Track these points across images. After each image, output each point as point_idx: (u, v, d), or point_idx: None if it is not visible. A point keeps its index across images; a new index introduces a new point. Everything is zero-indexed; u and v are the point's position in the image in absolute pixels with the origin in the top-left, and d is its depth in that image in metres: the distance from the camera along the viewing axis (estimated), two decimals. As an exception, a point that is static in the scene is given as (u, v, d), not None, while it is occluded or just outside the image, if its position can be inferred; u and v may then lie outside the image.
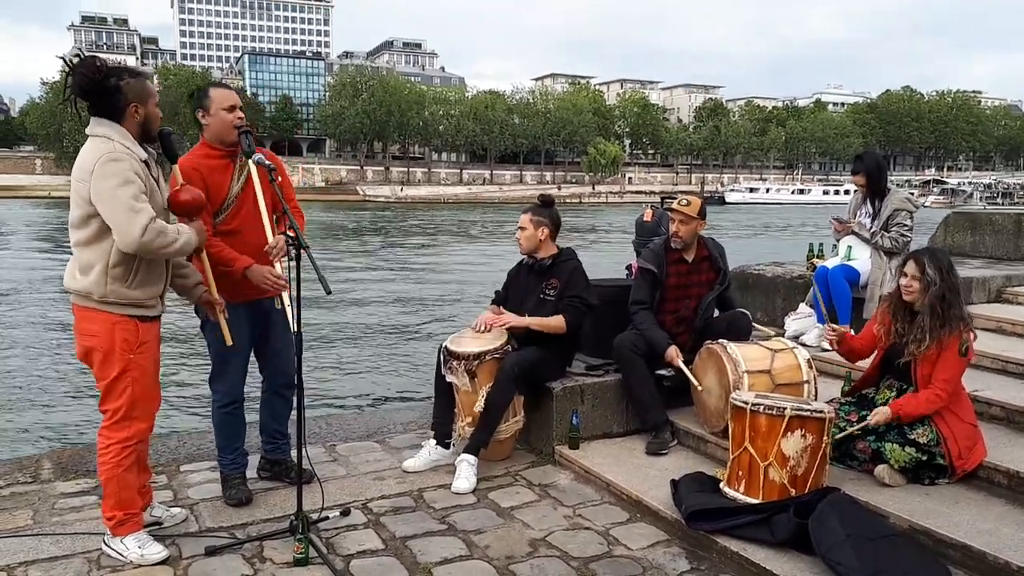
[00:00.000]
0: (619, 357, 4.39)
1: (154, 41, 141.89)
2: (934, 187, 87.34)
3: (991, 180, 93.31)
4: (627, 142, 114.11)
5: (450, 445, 4.24)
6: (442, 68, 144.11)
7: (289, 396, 3.87)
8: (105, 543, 3.18)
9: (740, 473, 3.43)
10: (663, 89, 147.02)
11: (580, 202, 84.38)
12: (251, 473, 3.88)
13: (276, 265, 3.49)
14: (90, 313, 3.02)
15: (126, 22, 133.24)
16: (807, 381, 3.98)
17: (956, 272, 3.63)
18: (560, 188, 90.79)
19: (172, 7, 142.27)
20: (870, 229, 5.42)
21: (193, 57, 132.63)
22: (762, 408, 3.33)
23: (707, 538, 3.27)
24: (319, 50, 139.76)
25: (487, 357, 4.10)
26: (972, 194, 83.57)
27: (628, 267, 6.39)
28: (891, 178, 5.83)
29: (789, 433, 3.28)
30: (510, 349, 4.18)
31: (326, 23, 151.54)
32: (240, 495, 3.67)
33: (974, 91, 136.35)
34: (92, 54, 3.10)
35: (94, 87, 2.95)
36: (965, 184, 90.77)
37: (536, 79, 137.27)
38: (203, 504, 3.69)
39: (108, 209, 2.87)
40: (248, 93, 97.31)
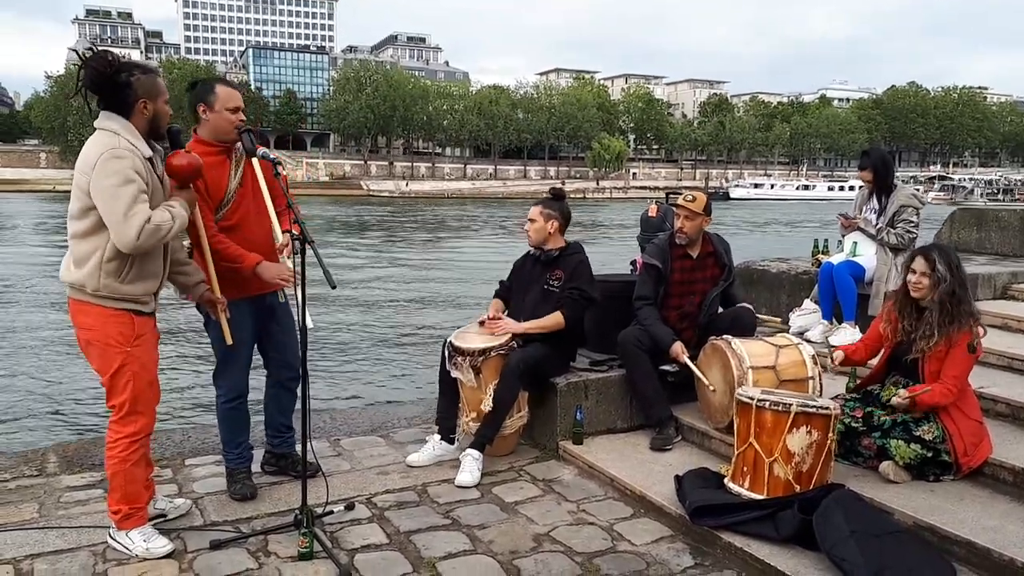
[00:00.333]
0: (623, 352, 4.39)
1: (158, 35, 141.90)
2: (934, 183, 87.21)
3: (992, 176, 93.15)
4: (631, 137, 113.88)
5: (454, 440, 4.24)
6: (446, 63, 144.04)
7: (294, 389, 3.87)
8: (110, 536, 3.19)
9: (745, 469, 3.43)
10: (668, 84, 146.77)
11: (584, 197, 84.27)
12: (256, 467, 3.89)
13: (287, 260, 3.49)
14: (84, 306, 3.02)
15: (130, 16, 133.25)
16: (812, 377, 3.97)
17: (963, 268, 3.62)
18: (564, 183, 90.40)
19: (176, 1, 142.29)
20: (876, 225, 5.41)
21: (197, 51, 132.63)
22: (768, 404, 3.33)
23: (711, 534, 3.27)
24: (323, 44, 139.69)
25: (492, 353, 4.10)
26: (973, 190, 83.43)
27: (633, 263, 6.38)
28: (897, 174, 5.82)
29: (794, 429, 3.28)
30: (515, 345, 4.17)
31: (330, 17, 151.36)
32: (245, 489, 3.67)
33: (980, 87, 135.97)
34: (105, 48, 3.10)
35: (105, 81, 2.95)
36: (966, 180, 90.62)
37: (540, 74, 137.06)
38: (208, 498, 3.70)
39: (107, 208, 2.87)
40: (252, 87, 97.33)
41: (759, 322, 4.56)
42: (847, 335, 5.05)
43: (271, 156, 3.37)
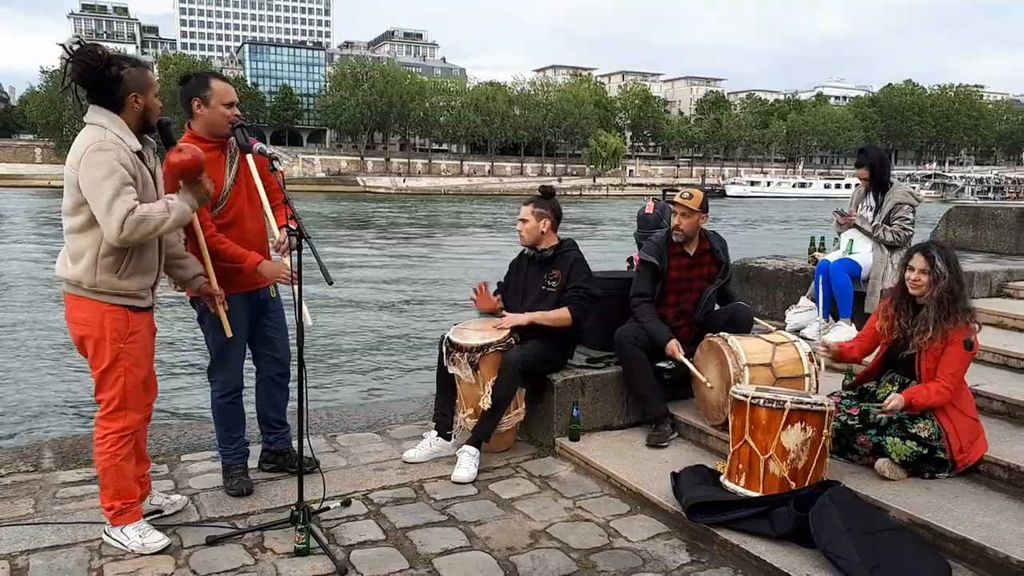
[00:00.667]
0: (620, 349, 4.39)
1: (154, 30, 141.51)
2: (925, 181, 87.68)
3: (982, 175, 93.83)
4: (628, 134, 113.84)
5: (451, 437, 4.24)
6: (443, 59, 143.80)
7: (285, 384, 3.87)
8: (106, 533, 3.18)
9: (740, 466, 3.43)
10: (665, 81, 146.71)
11: (581, 195, 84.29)
12: (253, 464, 3.89)
13: (285, 259, 3.48)
14: (81, 302, 3.01)
15: (126, 11, 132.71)
16: (808, 374, 3.98)
17: (960, 265, 3.63)
18: (561, 180, 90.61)
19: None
20: (872, 222, 5.42)
21: (193, 46, 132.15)
22: (762, 401, 3.33)
23: (707, 531, 3.28)
24: (320, 40, 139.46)
25: (490, 349, 4.10)
26: (963, 188, 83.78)
27: (629, 259, 6.40)
28: (893, 172, 5.83)
29: (789, 426, 3.28)
30: (513, 342, 4.17)
31: (327, 13, 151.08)
32: (241, 485, 3.67)
33: (976, 85, 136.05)
34: (93, 42, 3.07)
35: (94, 75, 2.91)
36: (957, 179, 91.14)
37: (537, 70, 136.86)
38: (204, 494, 3.69)
39: (93, 202, 2.84)
40: (248, 83, 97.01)
41: (754, 325, 4.56)
42: (843, 333, 5.06)
43: (268, 151, 3.36)
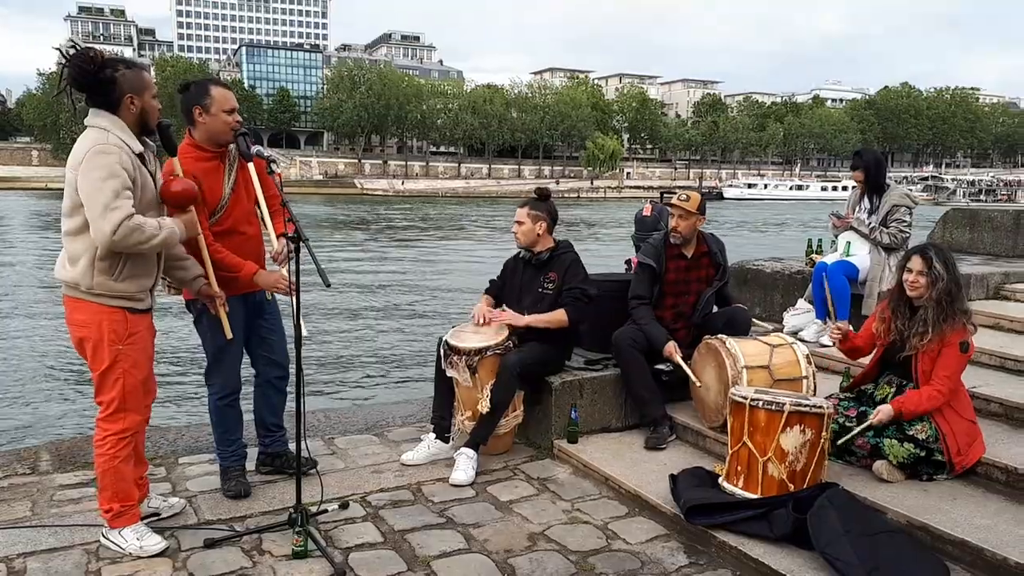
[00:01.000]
0: (618, 352, 4.39)
1: (151, 32, 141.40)
2: (918, 183, 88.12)
3: (975, 178, 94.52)
4: (625, 137, 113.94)
5: (449, 439, 4.24)
6: (440, 62, 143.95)
7: (283, 388, 3.86)
8: (103, 535, 3.17)
9: (739, 468, 3.43)
10: (662, 84, 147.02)
11: (578, 197, 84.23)
12: (250, 466, 3.88)
13: (283, 269, 3.49)
14: (79, 304, 3.01)
15: (123, 13, 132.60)
16: (806, 377, 3.99)
17: (958, 267, 3.64)
18: (558, 182, 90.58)
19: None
20: (869, 225, 5.43)
21: (191, 49, 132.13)
22: (761, 403, 3.34)
23: (705, 533, 3.28)
24: (317, 42, 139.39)
25: (488, 352, 4.09)
26: (955, 191, 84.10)
27: (627, 262, 6.39)
28: (889, 175, 5.84)
29: (788, 428, 3.29)
30: (511, 345, 4.17)
31: (324, 15, 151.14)
32: (239, 487, 3.66)
33: (972, 88, 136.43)
34: (88, 45, 3.07)
35: (89, 78, 2.92)
36: (949, 181, 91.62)
37: (535, 73, 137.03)
38: (202, 496, 3.68)
39: (89, 201, 2.84)
40: (246, 85, 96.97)
41: (752, 327, 4.57)
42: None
43: (265, 153, 3.35)
